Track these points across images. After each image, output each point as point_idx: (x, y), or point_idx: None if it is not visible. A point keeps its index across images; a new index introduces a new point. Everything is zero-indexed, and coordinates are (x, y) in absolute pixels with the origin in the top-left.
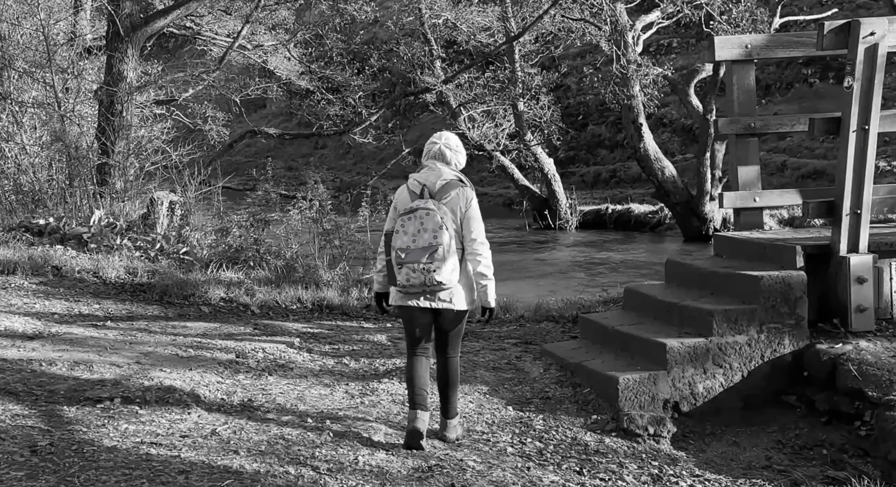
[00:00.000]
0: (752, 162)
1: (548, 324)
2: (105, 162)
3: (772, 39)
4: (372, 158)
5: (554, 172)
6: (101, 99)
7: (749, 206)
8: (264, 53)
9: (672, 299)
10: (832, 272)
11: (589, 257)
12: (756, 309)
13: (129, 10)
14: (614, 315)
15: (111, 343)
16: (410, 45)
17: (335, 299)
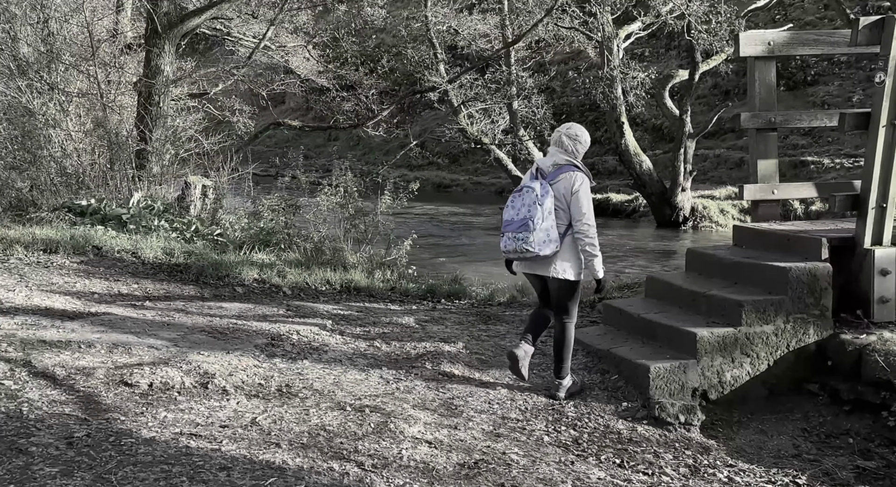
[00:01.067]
0: (772, 155)
1: None
2: (143, 148)
3: (794, 37)
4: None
5: None
6: (140, 90)
7: (767, 198)
8: (286, 54)
9: (697, 288)
10: (856, 263)
11: None
12: (783, 299)
13: (167, 9)
14: (637, 302)
15: (149, 324)
16: (417, 49)
17: (361, 281)
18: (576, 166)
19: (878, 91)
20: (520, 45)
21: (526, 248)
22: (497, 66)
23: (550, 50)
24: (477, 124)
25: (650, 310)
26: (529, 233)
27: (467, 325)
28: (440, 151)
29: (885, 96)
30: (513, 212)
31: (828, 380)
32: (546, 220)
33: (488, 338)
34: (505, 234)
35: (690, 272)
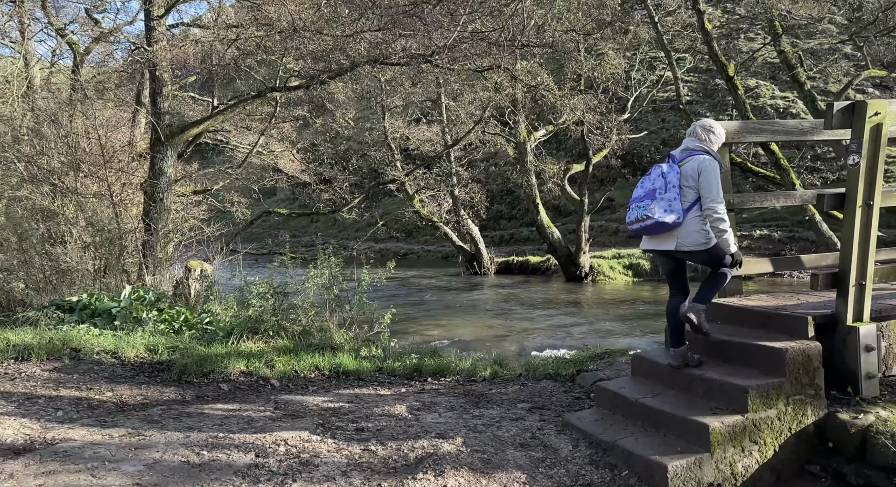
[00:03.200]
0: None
1: (548, 383)
2: (148, 239)
3: (742, 126)
4: (351, 228)
5: (479, 235)
6: (146, 189)
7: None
8: (275, 157)
9: (690, 371)
10: (838, 340)
11: (509, 293)
12: (783, 382)
13: (168, 121)
14: (628, 383)
15: (113, 452)
16: (379, 151)
17: (350, 365)
18: (705, 152)
19: (853, 172)
20: (457, 147)
21: (646, 215)
22: (440, 163)
23: (479, 150)
24: (427, 206)
25: (645, 393)
26: (652, 201)
27: (460, 411)
28: (399, 228)
29: (859, 177)
30: (640, 190)
31: (829, 462)
32: (669, 192)
33: (485, 429)
34: (630, 207)
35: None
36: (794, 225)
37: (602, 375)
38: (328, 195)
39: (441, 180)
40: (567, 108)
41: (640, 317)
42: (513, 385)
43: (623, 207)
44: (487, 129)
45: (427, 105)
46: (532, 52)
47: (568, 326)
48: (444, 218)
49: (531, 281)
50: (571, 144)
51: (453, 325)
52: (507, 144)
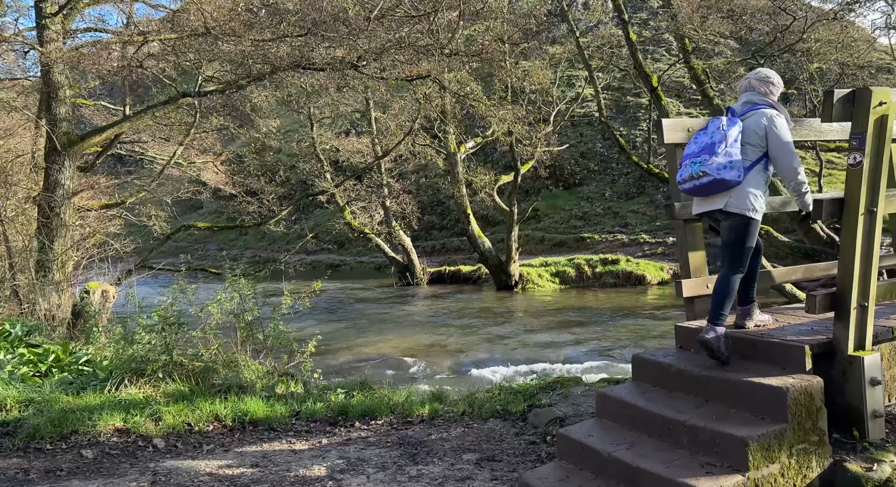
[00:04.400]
0: (700, 247)
1: (496, 423)
2: (44, 257)
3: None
4: (282, 240)
5: (411, 246)
6: (39, 203)
7: (703, 294)
8: (197, 169)
9: (668, 412)
10: (837, 372)
11: (442, 304)
12: (785, 429)
13: (66, 129)
14: (595, 430)
15: None
16: (308, 162)
17: (259, 411)
18: (768, 105)
19: (854, 174)
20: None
21: (703, 171)
22: (371, 174)
23: (410, 162)
24: (359, 218)
25: (617, 444)
26: (711, 156)
27: (393, 471)
28: (330, 239)
29: (863, 179)
30: (694, 146)
31: None
32: (731, 146)
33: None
34: (681, 166)
35: (641, 383)
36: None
37: (558, 412)
38: (255, 207)
39: (372, 191)
40: (496, 119)
41: (571, 326)
42: (456, 426)
43: (547, 217)
44: (417, 141)
45: (356, 116)
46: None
47: (504, 338)
48: (375, 229)
49: (463, 291)
50: (498, 157)
51: (386, 341)
52: (437, 156)
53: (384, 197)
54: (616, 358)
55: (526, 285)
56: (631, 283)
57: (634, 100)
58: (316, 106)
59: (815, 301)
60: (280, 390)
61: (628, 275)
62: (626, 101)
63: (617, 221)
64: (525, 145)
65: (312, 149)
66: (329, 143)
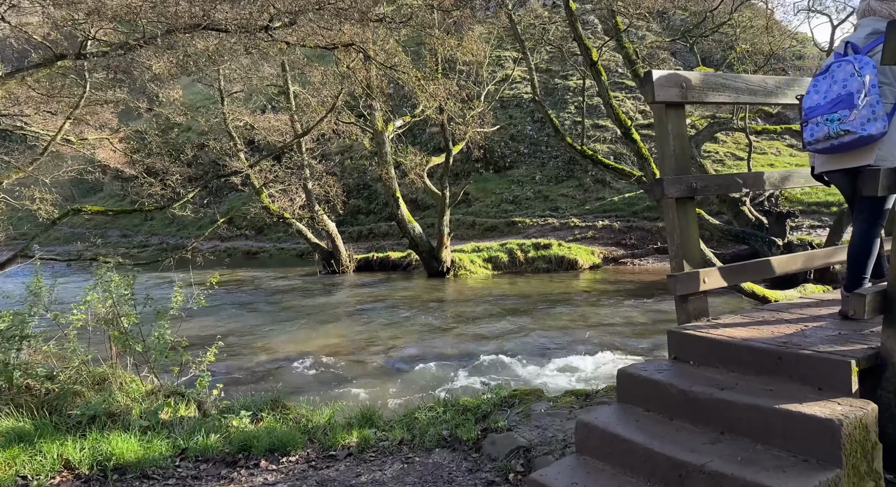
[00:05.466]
0: (695, 231)
1: (443, 455)
2: None
3: (705, 81)
4: (193, 225)
5: (336, 232)
6: None
7: (699, 290)
8: (92, 147)
9: (676, 452)
10: (888, 395)
11: (370, 293)
12: (840, 476)
13: None
14: (579, 475)
15: None
16: (219, 140)
17: (130, 450)
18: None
19: None
20: (309, 137)
21: (845, 129)
22: (290, 155)
23: (333, 142)
24: (278, 201)
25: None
26: (850, 110)
27: None
28: (247, 225)
29: None
30: (818, 97)
31: None
32: (870, 95)
33: None
34: (808, 124)
35: (630, 407)
36: (630, 215)
37: (521, 439)
38: (158, 189)
39: (292, 173)
40: (426, 95)
41: (509, 314)
42: (392, 461)
43: (478, 201)
44: (341, 119)
45: (273, 91)
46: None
47: (437, 330)
48: (296, 213)
49: (393, 279)
50: (427, 138)
51: (308, 337)
52: (363, 135)
53: (305, 179)
54: (560, 349)
55: (458, 271)
56: (563, 268)
57: (562, 82)
58: (226, 78)
59: (863, 302)
60: (165, 415)
61: (560, 260)
62: (555, 84)
63: (547, 205)
64: (458, 123)
65: (224, 125)
66: (243, 120)
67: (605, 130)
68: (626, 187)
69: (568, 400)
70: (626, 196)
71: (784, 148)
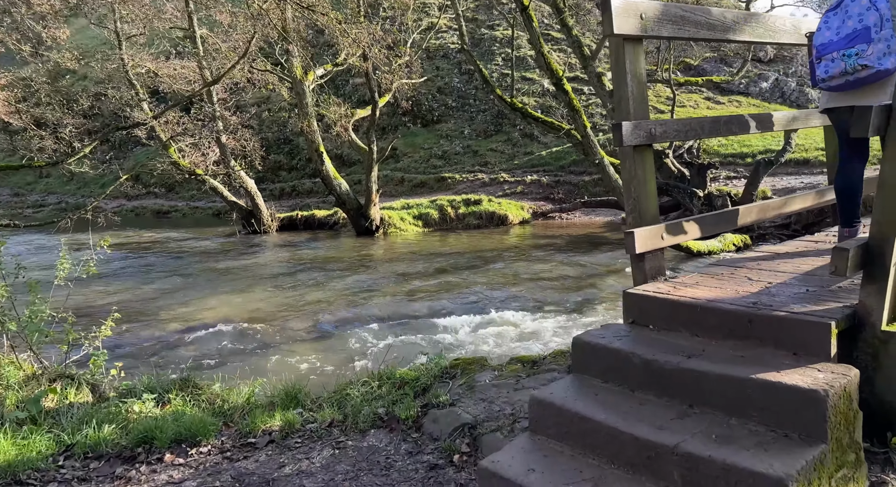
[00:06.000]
0: (652, 183)
1: (380, 436)
2: None
3: (664, 11)
4: (95, 183)
5: (256, 189)
6: None
7: (657, 247)
8: None
9: (643, 430)
10: (865, 357)
11: (295, 253)
12: (825, 451)
13: None
14: (535, 459)
15: None
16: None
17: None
18: None
19: None
20: (220, 87)
21: (863, 64)
22: (200, 105)
23: (248, 92)
24: (189, 157)
25: (573, 483)
26: (867, 45)
27: None
28: (156, 182)
29: None
30: (829, 33)
31: None
32: (885, 28)
33: None
34: (822, 61)
35: (588, 379)
36: (557, 169)
37: (465, 415)
38: (50, 143)
39: (203, 125)
40: (349, 41)
41: (442, 273)
42: (322, 446)
43: (407, 157)
44: (256, 66)
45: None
46: None
47: (368, 292)
48: (210, 169)
49: (319, 238)
50: (351, 90)
51: (227, 303)
52: (280, 85)
53: (218, 132)
54: (497, 307)
55: (388, 229)
56: (494, 224)
57: (489, 33)
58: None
59: (845, 257)
60: (50, 403)
61: (491, 216)
62: (481, 34)
63: (477, 160)
64: (384, 73)
65: (123, 73)
66: (145, 67)
67: (533, 83)
68: (554, 141)
69: (514, 369)
70: (554, 150)
71: (702, 100)
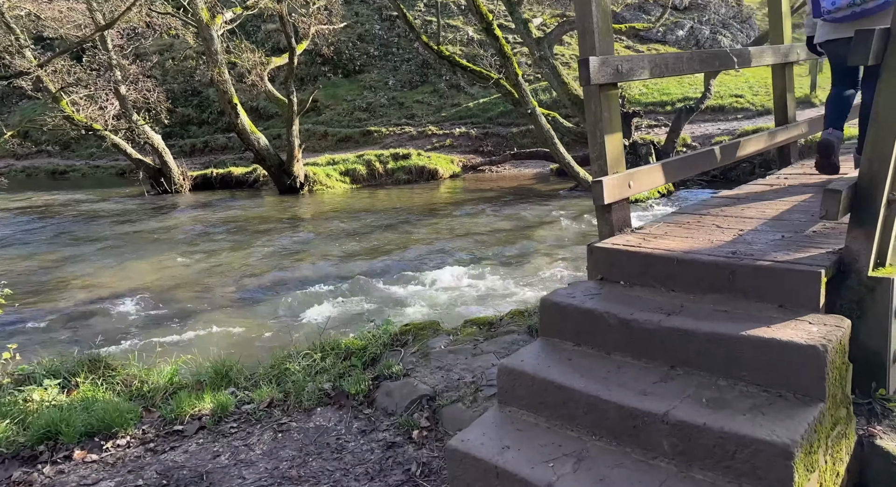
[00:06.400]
0: (618, 126)
1: (327, 414)
2: None
3: None
4: None
5: (163, 145)
6: None
7: (624, 196)
8: None
9: (626, 397)
10: (850, 303)
11: (211, 214)
12: (823, 410)
13: None
14: (508, 434)
15: None
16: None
17: None
18: None
19: None
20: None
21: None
22: (94, 53)
23: (149, 37)
24: (85, 110)
25: (554, 462)
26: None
27: None
28: (49, 139)
29: None
30: None
31: None
32: None
33: None
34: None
35: (559, 342)
36: (485, 121)
37: (422, 386)
38: None
39: (98, 75)
40: None
41: (374, 231)
42: (262, 429)
43: (329, 109)
44: (156, 8)
45: None
46: None
47: (297, 253)
48: (110, 124)
49: (238, 197)
50: (263, 37)
51: (139, 270)
52: (185, 30)
53: (116, 82)
54: (436, 264)
55: (313, 187)
56: (424, 178)
57: None
58: None
59: (837, 199)
60: None
61: (421, 170)
62: None
63: (403, 112)
64: (301, 16)
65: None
66: (24, 9)
67: (458, 31)
68: (481, 92)
69: (470, 332)
70: (482, 101)
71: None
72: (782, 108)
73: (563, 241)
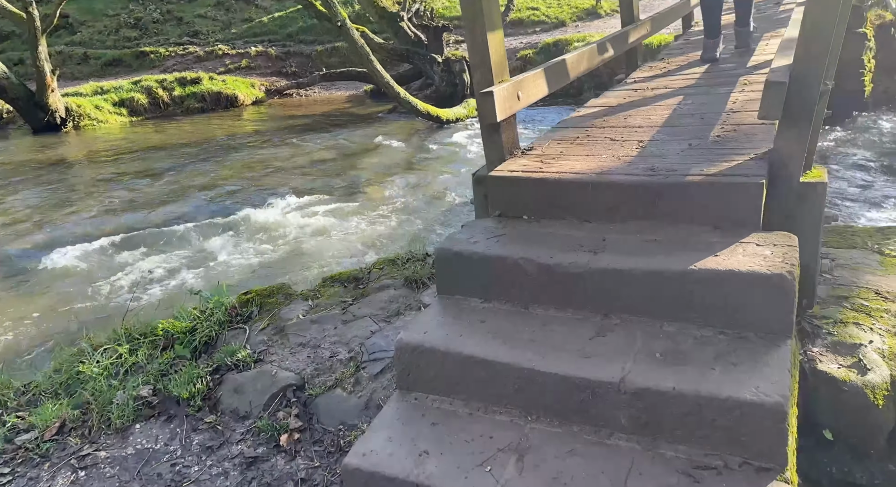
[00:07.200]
0: (500, 22)
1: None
2: None
3: None
4: None
5: None
6: None
7: (513, 112)
8: None
9: (559, 367)
10: (777, 217)
11: None
12: (792, 348)
13: None
14: (419, 428)
15: None
16: None
17: None
18: None
19: None
20: None
21: None
22: None
23: None
24: None
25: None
26: None
27: None
28: None
29: None
30: None
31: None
32: None
33: None
34: None
35: (463, 300)
36: (285, 39)
37: (284, 374)
38: None
39: None
40: None
41: (167, 172)
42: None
43: (86, 27)
44: None
45: None
46: None
47: (65, 205)
48: None
49: None
50: None
51: None
52: None
53: None
54: (256, 205)
55: (79, 122)
56: (222, 106)
57: None
58: None
59: (781, 92)
60: None
61: (217, 97)
62: None
63: (183, 29)
64: None
65: None
66: None
67: None
68: (275, 5)
69: (333, 293)
70: (277, 16)
71: None
72: (628, 6)
73: (396, 168)
